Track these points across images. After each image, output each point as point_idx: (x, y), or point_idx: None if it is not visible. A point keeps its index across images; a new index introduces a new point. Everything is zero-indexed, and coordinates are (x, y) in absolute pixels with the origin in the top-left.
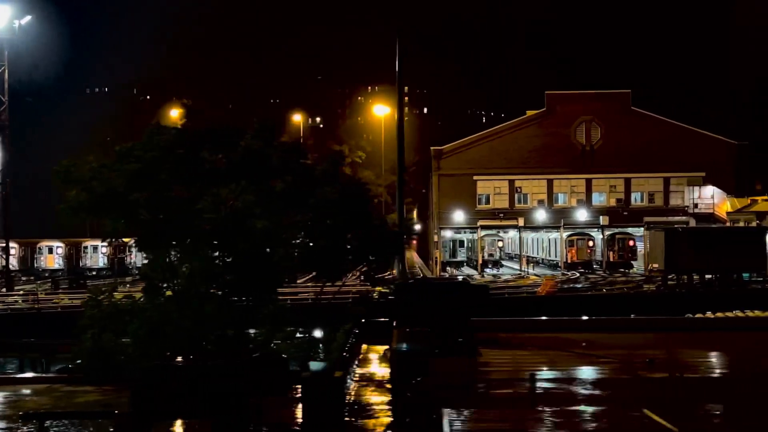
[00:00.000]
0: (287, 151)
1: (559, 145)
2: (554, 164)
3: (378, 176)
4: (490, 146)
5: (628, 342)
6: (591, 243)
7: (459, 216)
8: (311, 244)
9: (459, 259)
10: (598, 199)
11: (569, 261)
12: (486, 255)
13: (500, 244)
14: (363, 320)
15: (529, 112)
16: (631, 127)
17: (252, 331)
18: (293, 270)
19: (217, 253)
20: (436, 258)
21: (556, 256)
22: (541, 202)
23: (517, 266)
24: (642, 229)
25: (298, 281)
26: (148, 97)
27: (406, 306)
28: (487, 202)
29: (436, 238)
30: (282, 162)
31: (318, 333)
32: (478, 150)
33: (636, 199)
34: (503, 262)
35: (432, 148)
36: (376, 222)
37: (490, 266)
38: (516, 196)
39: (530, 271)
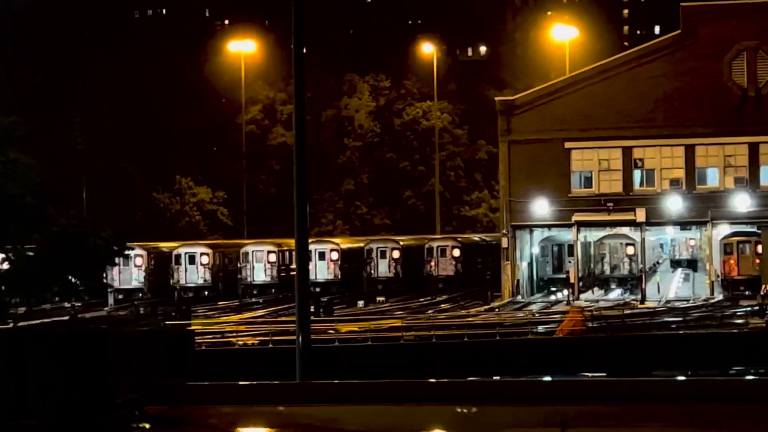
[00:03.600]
0: None
1: (704, 90)
2: (697, 121)
3: None
4: (590, 94)
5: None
6: (760, 248)
7: (541, 207)
8: None
9: (565, 274)
10: None
11: (725, 275)
12: (606, 267)
13: (630, 250)
14: None
15: None
16: None
17: None
18: None
19: None
20: (508, 275)
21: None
22: (675, 182)
23: (681, 285)
24: None
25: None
26: (227, 21)
27: None
28: (587, 183)
29: (505, 243)
30: None
31: None
32: (571, 100)
33: None
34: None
35: (497, 99)
36: (74, 229)
37: (614, 285)
38: (635, 173)
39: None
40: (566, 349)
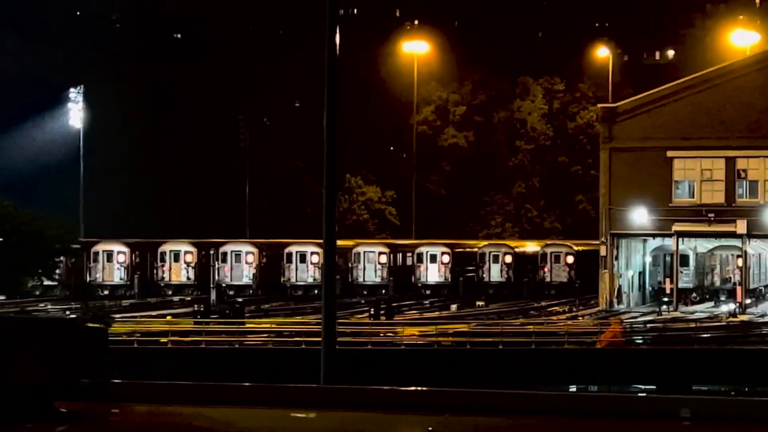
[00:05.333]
0: None
1: None
2: None
3: None
4: (693, 102)
5: None
6: None
7: (641, 216)
8: None
9: (681, 284)
10: None
11: None
12: (716, 279)
13: (741, 262)
14: None
15: None
16: None
17: None
18: None
19: None
20: (606, 284)
21: None
22: None
23: None
24: None
25: None
26: (416, 22)
27: None
28: (690, 193)
29: (603, 251)
30: None
31: None
32: (674, 109)
33: None
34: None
35: (600, 105)
36: (26, 227)
37: (723, 297)
38: (737, 184)
39: None
40: (601, 360)
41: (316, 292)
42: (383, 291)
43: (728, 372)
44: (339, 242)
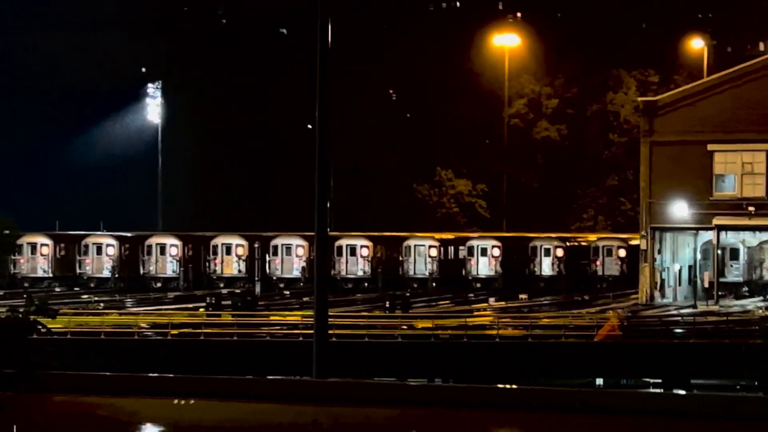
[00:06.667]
0: None
1: None
2: None
3: None
4: (734, 95)
5: None
6: None
7: (681, 209)
8: None
9: (731, 278)
10: None
11: None
12: (765, 273)
13: None
14: None
15: None
16: None
17: None
18: None
19: None
20: (646, 277)
21: None
22: None
23: None
24: None
25: None
26: (518, 14)
27: None
28: (731, 187)
29: (643, 245)
30: None
31: None
32: (715, 102)
33: None
34: None
35: (640, 99)
36: None
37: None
38: None
39: None
40: (596, 353)
41: (366, 285)
42: (433, 284)
43: (725, 366)
44: (389, 234)
